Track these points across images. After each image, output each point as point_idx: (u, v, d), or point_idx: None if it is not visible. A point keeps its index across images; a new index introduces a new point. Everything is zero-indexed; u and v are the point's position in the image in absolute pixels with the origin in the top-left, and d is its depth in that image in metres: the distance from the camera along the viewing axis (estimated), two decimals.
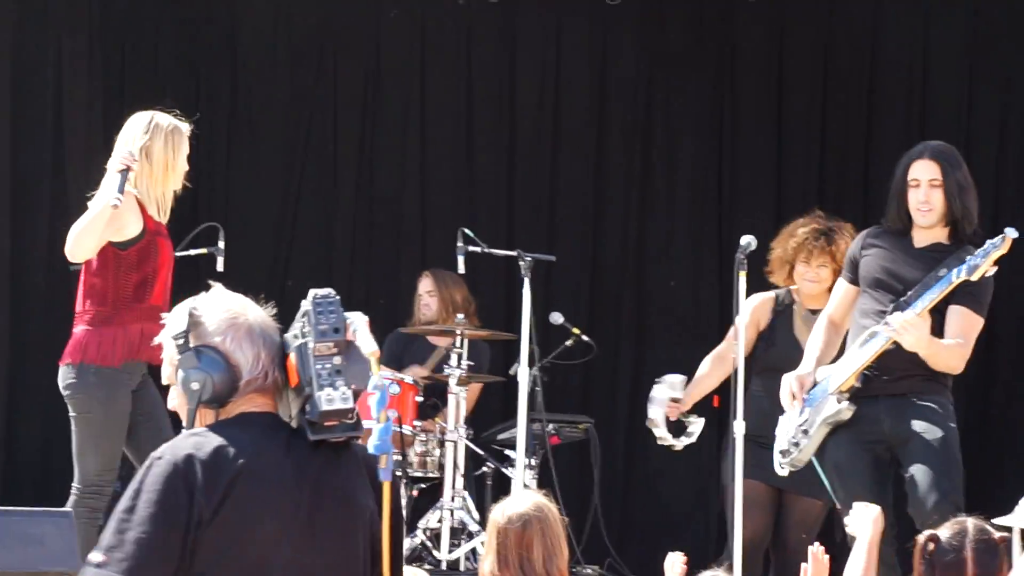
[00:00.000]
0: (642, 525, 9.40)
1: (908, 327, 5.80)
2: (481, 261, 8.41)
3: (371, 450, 3.20)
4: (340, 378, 3.21)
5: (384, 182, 9.80)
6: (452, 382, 7.94)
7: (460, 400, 7.95)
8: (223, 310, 3.31)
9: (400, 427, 7.88)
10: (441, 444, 8.03)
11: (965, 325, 5.92)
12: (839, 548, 7.42)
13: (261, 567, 3.14)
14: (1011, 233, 5.76)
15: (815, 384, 6.17)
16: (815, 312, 6.95)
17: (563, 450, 8.50)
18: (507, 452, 8.16)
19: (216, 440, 3.18)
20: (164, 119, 6.34)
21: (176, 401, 3.33)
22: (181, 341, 3.28)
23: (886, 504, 6.01)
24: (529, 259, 7.83)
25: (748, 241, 6.75)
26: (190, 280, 8.79)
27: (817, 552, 4.77)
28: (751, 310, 7.21)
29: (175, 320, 3.33)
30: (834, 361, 6.25)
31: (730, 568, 6.34)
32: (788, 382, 6.17)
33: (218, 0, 9.79)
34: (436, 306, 8.61)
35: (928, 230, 6.10)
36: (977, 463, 8.48)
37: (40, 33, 9.29)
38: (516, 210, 9.72)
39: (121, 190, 6.09)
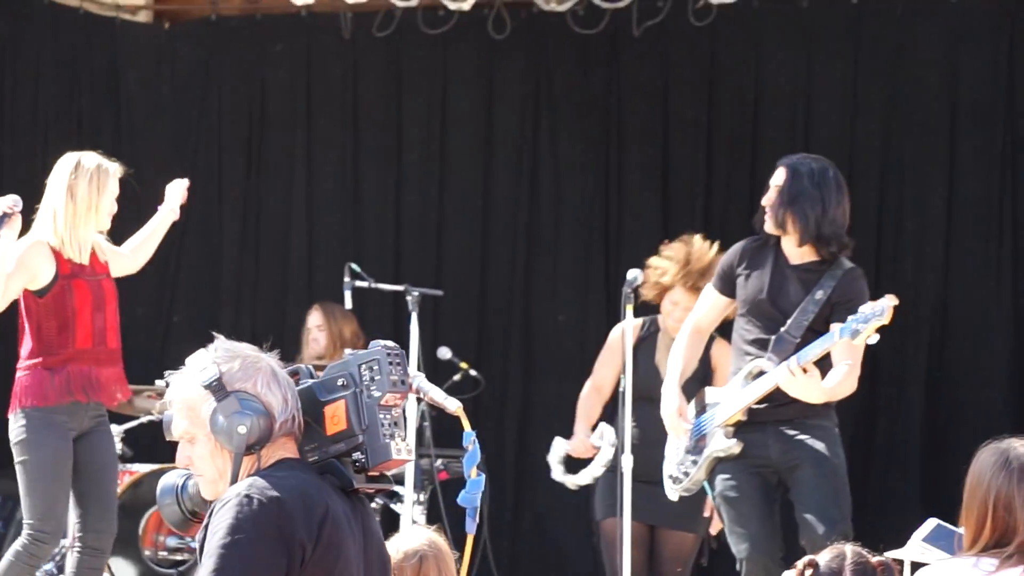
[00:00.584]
0: (531, 560, 9.40)
1: (792, 383, 5.83)
2: (368, 296, 8.39)
3: (459, 501, 3.29)
4: (398, 430, 3.25)
5: (270, 217, 9.75)
6: None
7: None
8: (241, 356, 3.30)
9: None
10: None
11: (850, 348, 5.97)
12: (706, 572, 7.52)
13: None
14: (890, 302, 5.80)
15: (703, 407, 6.20)
16: None
17: (452, 485, 8.46)
18: (395, 488, 8.12)
19: (296, 483, 3.17)
20: (90, 160, 6.31)
21: (199, 454, 3.28)
22: (217, 388, 3.24)
23: (774, 528, 6.06)
24: (416, 293, 7.82)
25: (635, 275, 6.79)
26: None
27: None
28: (616, 340, 7.29)
29: (201, 368, 3.29)
30: (701, 378, 6.31)
31: None
32: (668, 417, 6.19)
33: (99, 34, 9.71)
34: (325, 340, 8.58)
35: (794, 245, 6.09)
36: (863, 485, 8.59)
37: None
38: (403, 245, 9.70)
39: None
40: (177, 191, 6.65)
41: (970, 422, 9.00)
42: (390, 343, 3.30)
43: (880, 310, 5.76)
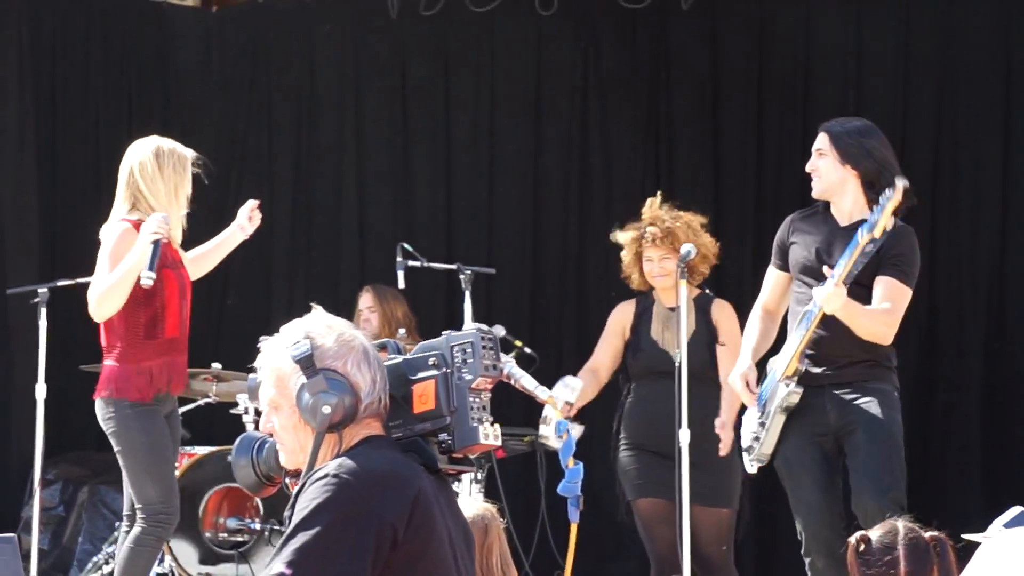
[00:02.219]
0: (588, 537, 9.37)
1: (828, 297, 5.80)
2: (421, 276, 8.39)
3: (560, 491, 3.26)
4: (486, 414, 3.22)
5: (322, 198, 9.77)
6: None
7: None
8: (335, 333, 3.27)
9: None
10: None
11: (890, 292, 5.90)
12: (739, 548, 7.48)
13: None
14: (901, 183, 5.77)
15: (765, 378, 6.17)
16: (673, 309, 7.01)
17: (509, 463, 8.48)
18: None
19: (386, 462, 3.16)
20: (166, 144, 6.30)
21: (281, 424, 3.27)
22: (307, 364, 3.21)
23: (834, 498, 6.03)
24: (469, 272, 7.82)
25: (688, 249, 6.77)
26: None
27: None
28: (614, 321, 7.27)
29: (294, 343, 3.25)
30: (774, 350, 6.27)
31: None
32: (734, 382, 6.16)
33: (148, 19, 9.74)
34: (377, 322, 8.58)
35: (844, 204, 6.06)
36: (921, 454, 8.54)
37: None
38: (455, 224, 9.70)
39: (153, 267, 6.06)
40: (247, 210, 6.59)
41: None
42: (484, 327, 3.30)
43: (890, 193, 5.73)
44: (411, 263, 7.93)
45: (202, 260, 6.61)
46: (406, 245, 7.98)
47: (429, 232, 9.51)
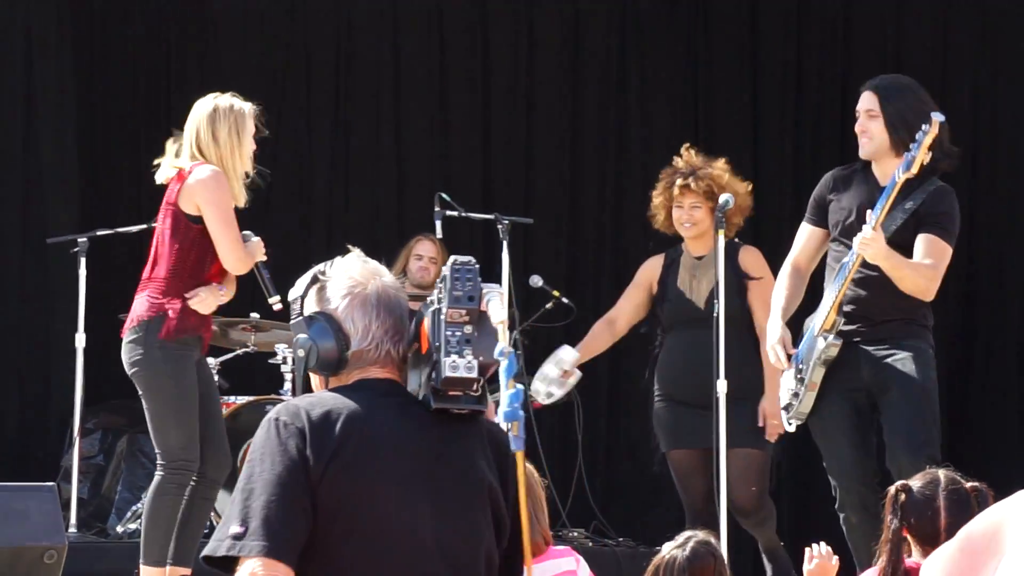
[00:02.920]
0: (626, 487, 9.40)
1: (867, 243, 5.76)
2: (458, 225, 8.38)
3: (500, 417, 3.06)
4: (468, 347, 3.12)
5: (359, 149, 9.76)
6: None
7: None
8: (346, 277, 3.26)
9: None
10: None
11: (932, 249, 5.86)
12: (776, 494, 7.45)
13: (379, 531, 3.05)
14: (937, 117, 5.72)
15: (802, 336, 6.13)
16: (700, 258, 6.99)
17: (546, 414, 8.48)
18: (481, 408, 8.13)
19: (327, 401, 3.12)
20: (224, 101, 6.28)
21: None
22: (296, 306, 3.24)
23: (867, 452, 6.00)
24: (507, 222, 7.80)
25: (726, 199, 6.73)
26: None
27: (821, 553, 4.69)
28: (641, 274, 7.24)
29: (298, 283, 3.28)
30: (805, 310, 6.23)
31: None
32: (771, 352, 6.11)
33: None
34: (435, 273, 8.54)
35: (887, 163, 6.03)
36: (957, 412, 8.51)
37: (7, 11, 9.20)
38: (493, 174, 9.69)
39: (273, 291, 6.28)
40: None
41: None
42: (464, 257, 3.22)
43: (926, 127, 5.68)
44: (449, 212, 7.92)
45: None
46: (444, 195, 7.96)
47: (467, 181, 9.50)
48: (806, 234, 6.23)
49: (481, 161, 9.68)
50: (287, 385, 8.01)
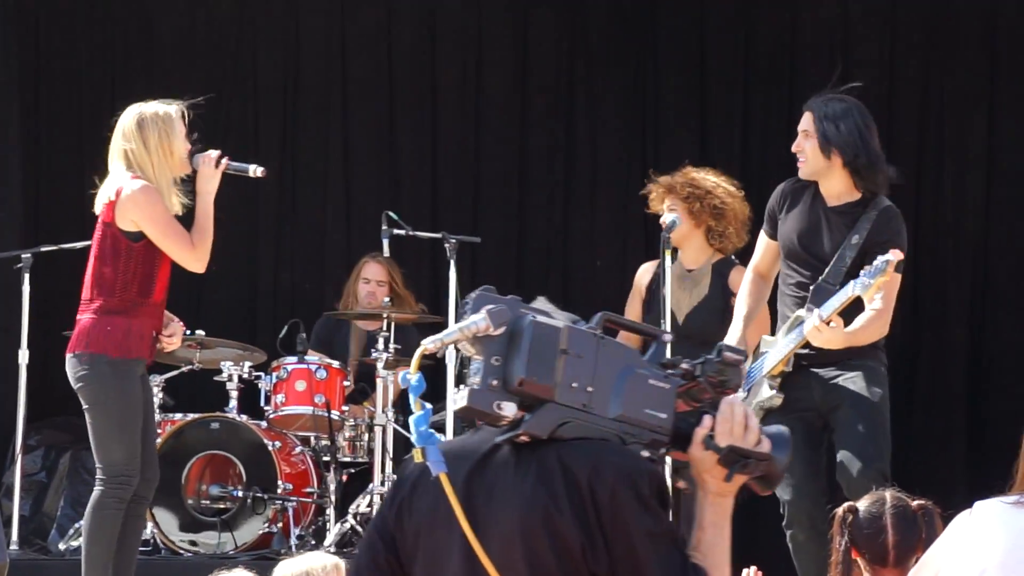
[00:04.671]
0: None
1: (815, 335, 5.78)
2: (406, 244, 8.36)
3: (415, 440, 2.85)
4: (469, 377, 2.90)
5: (306, 166, 9.73)
6: (379, 366, 7.89)
7: (388, 384, 7.91)
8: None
9: (328, 412, 7.83)
10: (370, 429, 8.00)
11: (883, 290, 5.91)
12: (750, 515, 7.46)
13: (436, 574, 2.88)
14: (893, 257, 5.71)
15: (757, 355, 6.13)
16: (690, 271, 6.96)
17: None
18: (437, 436, 8.12)
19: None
20: (149, 108, 6.25)
21: None
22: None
23: (818, 472, 6.02)
24: (454, 241, 7.79)
25: (674, 219, 6.74)
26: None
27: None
28: (636, 281, 7.23)
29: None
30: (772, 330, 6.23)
31: None
32: None
33: None
34: (383, 295, 8.38)
35: (831, 187, 6.01)
36: (906, 427, 8.54)
37: None
38: (440, 193, 9.68)
39: (247, 166, 6.36)
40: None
41: (1013, 363, 8.95)
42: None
43: (881, 265, 5.67)
44: (396, 231, 7.90)
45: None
46: (391, 213, 7.94)
47: (414, 200, 9.48)
48: (763, 245, 6.25)
49: (429, 179, 9.67)
50: (232, 403, 7.98)
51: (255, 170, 6.37)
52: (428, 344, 2.89)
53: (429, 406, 2.86)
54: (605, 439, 2.84)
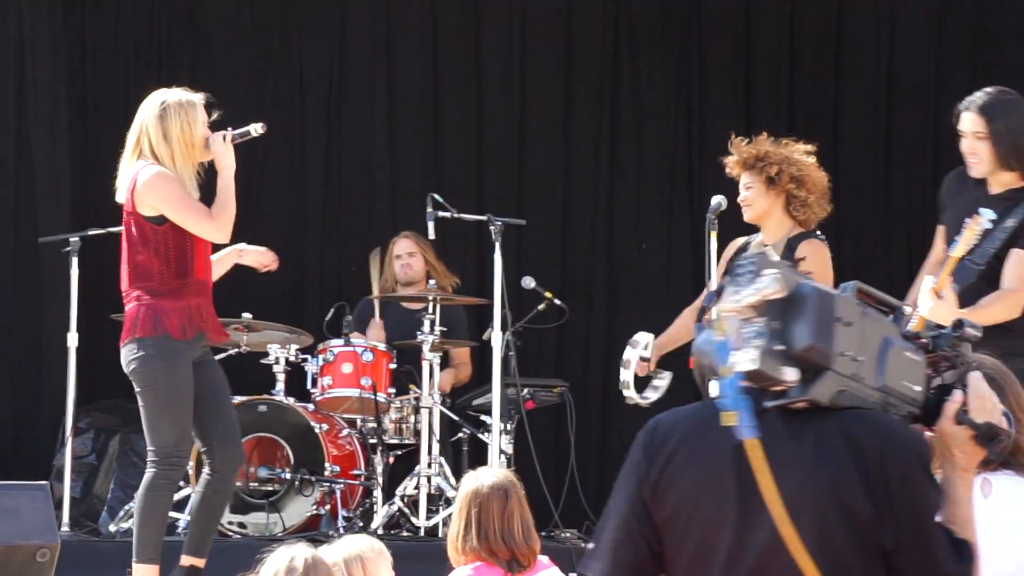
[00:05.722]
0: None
1: (935, 310, 5.66)
2: (451, 226, 8.38)
3: (721, 406, 2.81)
4: (756, 340, 2.80)
5: (352, 150, 9.76)
6: (425, 348, 7.92)
7: (434, 366, 7.93)
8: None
9: (375, 394, 7.87)
10: (416, 410, 8.02)
11: (1016, 268, 5.79)
12: None
13: (702, 551, 2.84)
14: (987, 214, 5.69)
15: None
16: (766, 247, 6.55)
17: (538, 414, 8.49)
18: (482, 418, 8.15)
19: (680, 413, 2.94)
20: (173, 95, 6.26)
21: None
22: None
23: None
24: (499, 223, 7.78)
25: (719, 201, 6.65)
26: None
27: None
28: (724, 256, 6.98)
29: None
30: None
31: None
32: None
33: None
34: (420, 266, 8.56)
35: (997, 175, 5.96)
36: None
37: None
38: (485, 175, 9.69)
39: (247, 129, 6.33)
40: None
41: None
42: (752, 249, 2.97)
43: (969, 221, 5.63)
44: (441, 214, 7.91)
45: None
46: (436, 196, 7.96)
47: (459, 183, 9.50)
48: (938, 234, 6.14)
49: (474, 162, 9.68)
50: (279, 385, 8.02)
51: (255, 129, 6.39)
52: (727, 306, 2.84)
53: (739, 370, 2.80)
54: (877, 411, 2.84)
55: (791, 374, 2.80)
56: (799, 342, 2.79)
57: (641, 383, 6.92)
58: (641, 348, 6.71)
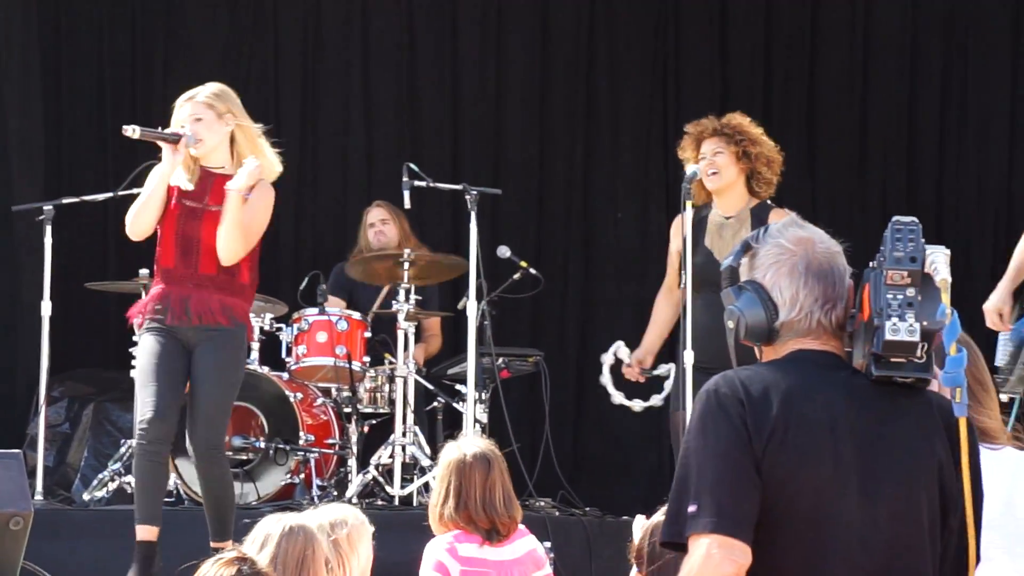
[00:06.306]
0: (593, 457, 9.42)
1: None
2: (427, 196, 8.36)
3: (943, 382, 2.94)
4: (910, 310, 2.94)
5: (328, 118, 9.74)
6: (400, 317, 7.91)
7: (409, 335, 7.93)
8: (774, 245, 3.08)
9: (350, 363, 7.86)
10: (391, 380, 8.02)
11: None
12: None
13: (815, 517, 2.93)
14: None
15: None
16: (728, 218, 6.74)
17: (513, 384, 8.49)
18: (457, 387, 8.15)
19: (765, 376, 2.98)
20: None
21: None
22: (727, 275, 3.12)
23: None
24: (475, 192, 7.76)
25: (693, 171, 6.64)
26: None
27: None
28: (672, 233, 6.95)
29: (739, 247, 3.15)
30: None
31: None
32: (989, 314, 6.06)
33: None
34: (394, 233, 8.54)
35: None
36: None
37: None
38: (460, 144, 9.68)
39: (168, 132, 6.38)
40: (248, 171, 6.45)
41: None
42: (906, 218, 3.02)
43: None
44: (417, 183, 7.89)
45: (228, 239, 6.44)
46: (412, 165, 7.94)
47: (435, 152, 9.49)
48: None
49: (450, 131, 9.67)
50: (254, 354, 7.99)
51: (170, 134, 6.43)
52: (942, 271, 3.02)
53: (964, 351, 2.94)
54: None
55: (921, 349, 2.95)
56: (937, 319, 2.94)
57: (646, 389, 6.97)
58: (614, 355, 6.79)
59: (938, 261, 3.03)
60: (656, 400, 7.16)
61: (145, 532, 6.24)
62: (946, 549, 3.00)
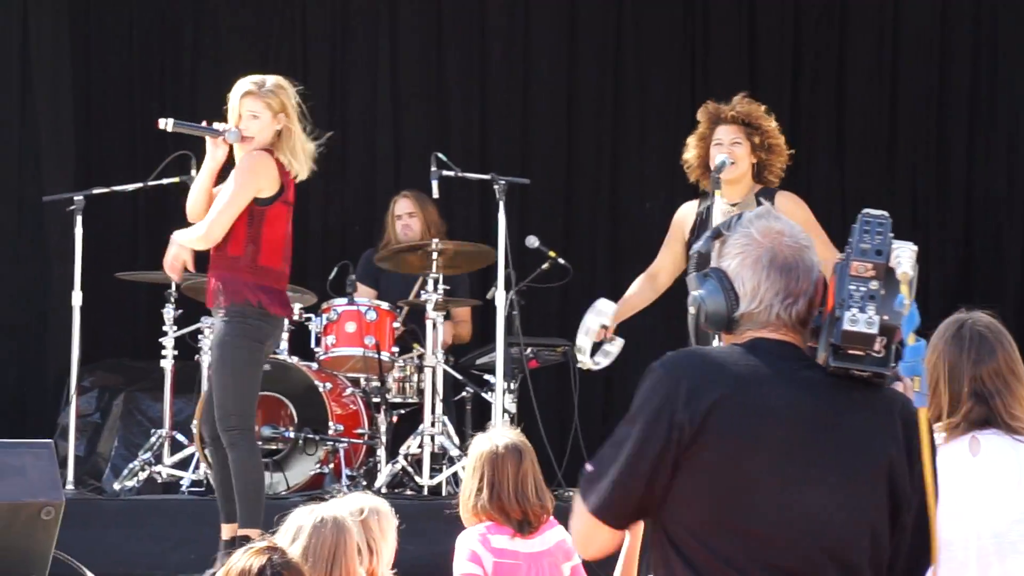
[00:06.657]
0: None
1: None
2: (455, 185, 8.37)
3: (901, 371, 2.94)
4: (871, 303, 2.93)
5: (356, 109, 9.75)
6: (429, 307, 7.92)
7: (438, 325, 7.93)
8: (742, 235, 3.07)
9: (379, 353, 7.88)
10: (420, 369, 8.03)
11: None
12: None
13: (746, 499, 2.93)
14: None
15: None
16: (735, 205, 6.64)
17: (542, 373, 8.50)
18: (486, 377, 8.16)
19: (712, 359, 2.99)
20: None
21: None
22: (697, 259, 3.12)
23: None
24: (503, 182, 7.76)
25: (723, 159, 6.65)
26: (160, 209, 8.76)
27: None
28: (674, 222, 6.94)
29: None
30: None
31: None
32: None
33: None
34: (419, 226, 8.55)
35: None
36: None
37: None
38: (489, 134, 9.68)
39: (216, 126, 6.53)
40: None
41: None
42: (876, 211, 3.00)
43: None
44: (445, 173, 7.89)
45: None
46: (440, 155, 7.94)
47: (464, 142, 9.49)
48: None
49: (478, 121, 9.67)
50: (283, 344, 7.99)
51: (211, 130, 6.56)
52: (904, 265, 2.98)
53: (923, 340, 2.94)
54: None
55: (879, 344, 2.93)
56: (898, 315, 2.92)
57: (595, 349, 6.94)
58: (604, 317, 6.75)
59: (902, 256, 3.01)
60: (592, 361, 6.99)
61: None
62: (898, 547, 2.98)
